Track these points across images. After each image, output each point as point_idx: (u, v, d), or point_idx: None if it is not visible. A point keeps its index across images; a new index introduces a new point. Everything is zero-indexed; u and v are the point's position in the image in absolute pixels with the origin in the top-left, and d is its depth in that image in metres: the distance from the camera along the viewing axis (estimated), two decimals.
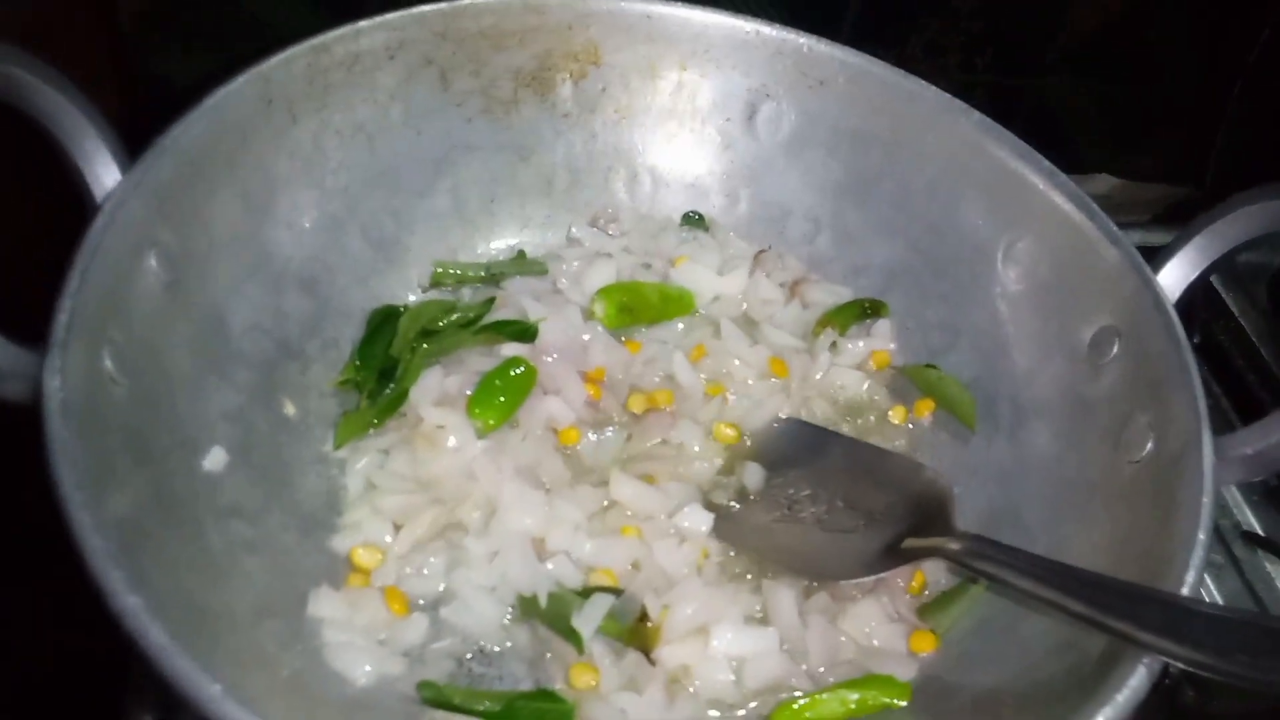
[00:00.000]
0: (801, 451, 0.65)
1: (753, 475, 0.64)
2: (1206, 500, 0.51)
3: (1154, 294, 0.60)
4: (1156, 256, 0.64)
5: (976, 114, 0.70)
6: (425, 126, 0.71)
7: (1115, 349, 0.62)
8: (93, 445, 0.46)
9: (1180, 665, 0.43)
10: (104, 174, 0.54)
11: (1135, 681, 0.44)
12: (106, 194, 0.53)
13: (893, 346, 0.72)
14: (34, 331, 0.48)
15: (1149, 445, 0.57)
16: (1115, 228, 0.64)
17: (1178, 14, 1.03)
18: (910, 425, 0.69)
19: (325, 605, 0.53)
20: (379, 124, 0.69)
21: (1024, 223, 0.68)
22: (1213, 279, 0.94)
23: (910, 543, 0.56)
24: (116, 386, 0.50)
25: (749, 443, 0.67)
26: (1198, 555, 0.49)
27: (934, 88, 0.71)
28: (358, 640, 0.52)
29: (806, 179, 0.76)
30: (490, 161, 0.74)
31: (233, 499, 0.54)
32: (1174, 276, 0.64)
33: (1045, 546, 0.56)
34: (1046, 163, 0.68)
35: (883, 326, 0.72)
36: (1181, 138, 1.12)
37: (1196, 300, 0.92)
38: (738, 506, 0.63)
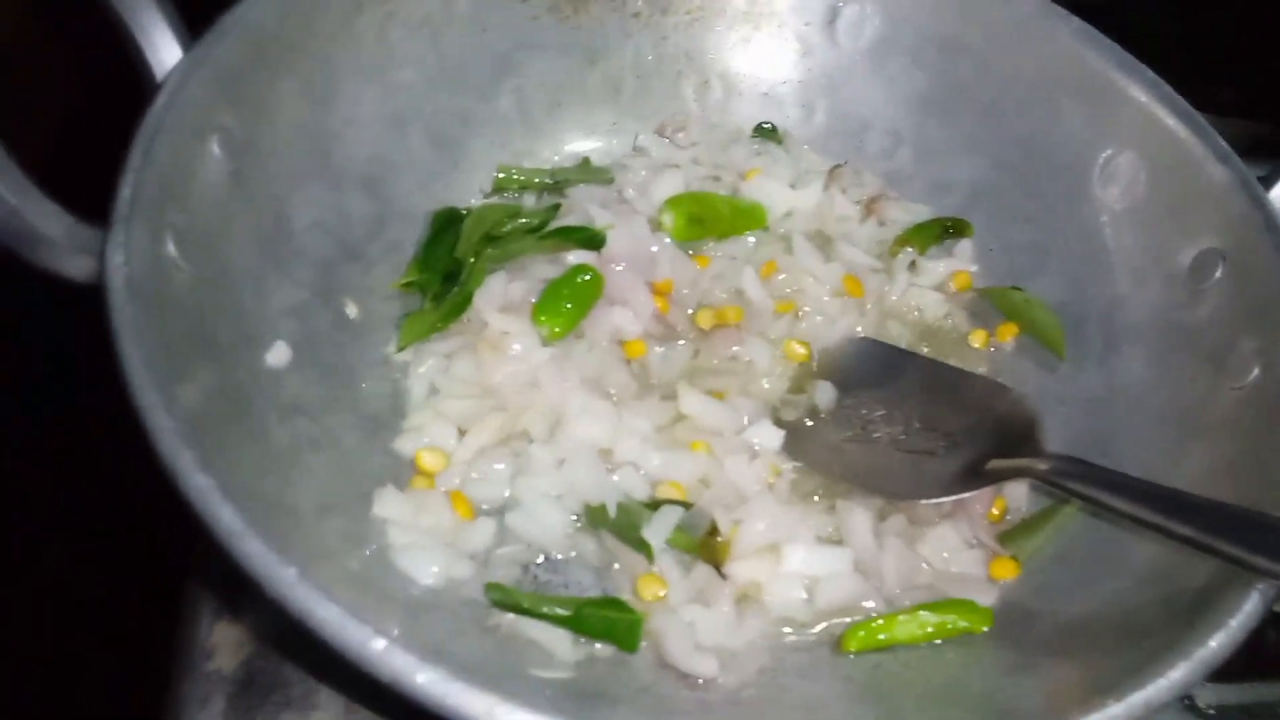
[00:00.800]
0: (876, 371, 0.63)
1: (824, 394, 0.61)
2: None
3: (1266, 214, 0.57)
4: (1265, 176, 0.60)
5: (1076, 20, 0.66)
6: (491, 22, 0.68)
7: (1219, 272, 0.58)
8: (158, 328, 0.44)
9: None
10: (164, 51, 0.52)
11: (1250, 606, 0.41)
12: (168, 72, 0.51)
13: (975, 268, 0.68)
14: (91, 211, 0.47)
15: (1255, 371, 0.54)
16: (1224, 144, 0.60)
17: None
18: (992, 350, 0.66)
19: (390, 505, 0.51)
20: (444, 17, 0.65)
21: (1124, 137, 0.64)
22: None
23: (995, 463, 0.53)
24: (179, 272, 0.48)
25: (820, 361, 0.64)
26: None
27: None
28: (423, 541, 0.50)
29: (888, 90, 0.72)
30: (556, 63, 0.70)
31: (296, 395, 0.53)
32: None
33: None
34: (1150, 73, 0.64)
35: (965, 247, 0.69)
36: (1272, 71, 1.06)
37: None
38: (809, 424, 0.60)
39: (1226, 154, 0.60)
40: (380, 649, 0.35)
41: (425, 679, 0.35)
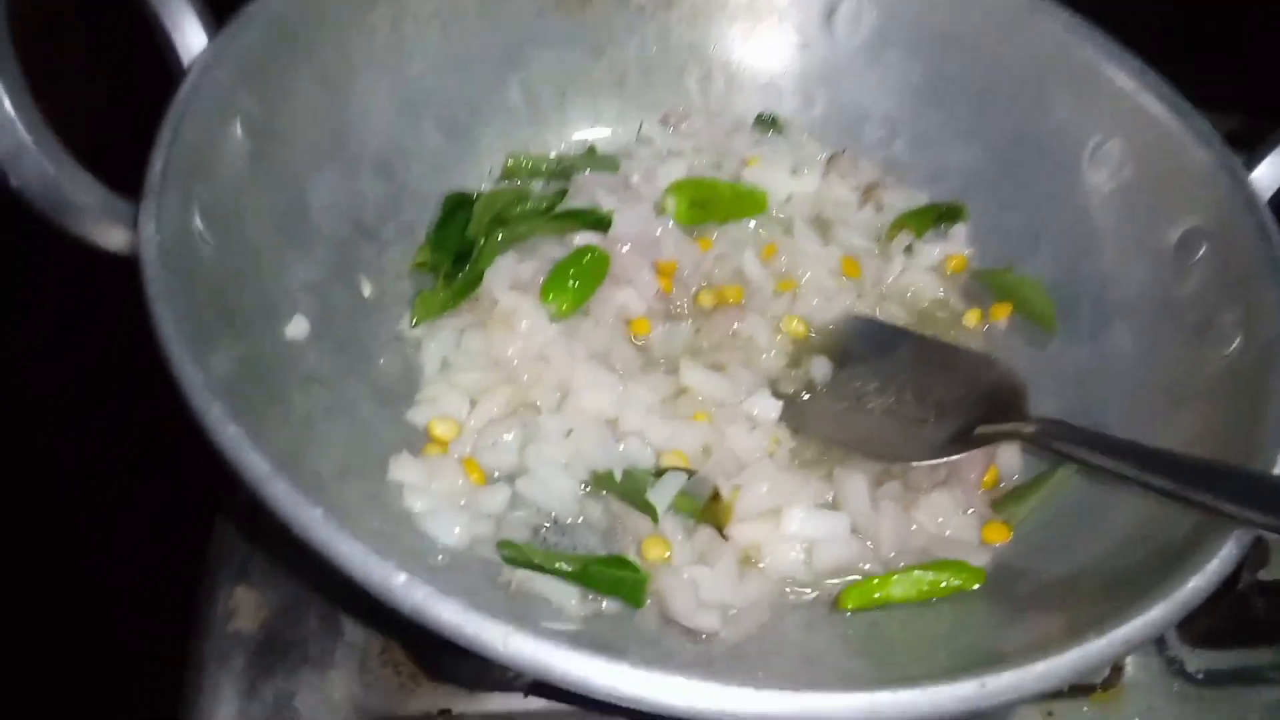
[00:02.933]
0: (870, 347, 0.65)
1: (820, 368, 0.64)
2: None
3: (1246, 194, 0.59)
4: (1246, 159, 0.62)
5: (1065, 12, 0.68)
6: (499, 17, 0.70)
7: (1203, 250, 0.60)
8: (187, 296, 0.46)
9: (1269, 534, 0.42)
10: (191, 39, 0.54)
11: (1226, 551, 0.43)
12: (194, 58, 0.54)
13: (969, 251, 0.71)
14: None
15: (1236, 341, 0.56)
16: (1208, 126, 0.62)
17: None
18: (986, 328, 0.68)
19: (406, 470, 0.53)
20: (453, 12, 0.68)
21: (1112, 123, 0.66)
22: None
23: (984, 428, 0.56)
24: (205, 246, 0.51)
25: (817, 338, 0.66)
26: None
27: None
28: (442, 503, 0.52)
29: (885, 81, 0.74)
30: (562, 55, 0.73)
31: (313, 366, 0.55)
32: (1267, 177, 0.62)
33: None
34: (1137, 61, 0.66)
35: (959, 230, 0.71)
36: (1264, 63, 1.08)
37: None
38: (806, 396, 0.62)
39: (1209, 137, 0.62)
40: (402, 582, 0.37)
41: (445, 609, 0.37)
